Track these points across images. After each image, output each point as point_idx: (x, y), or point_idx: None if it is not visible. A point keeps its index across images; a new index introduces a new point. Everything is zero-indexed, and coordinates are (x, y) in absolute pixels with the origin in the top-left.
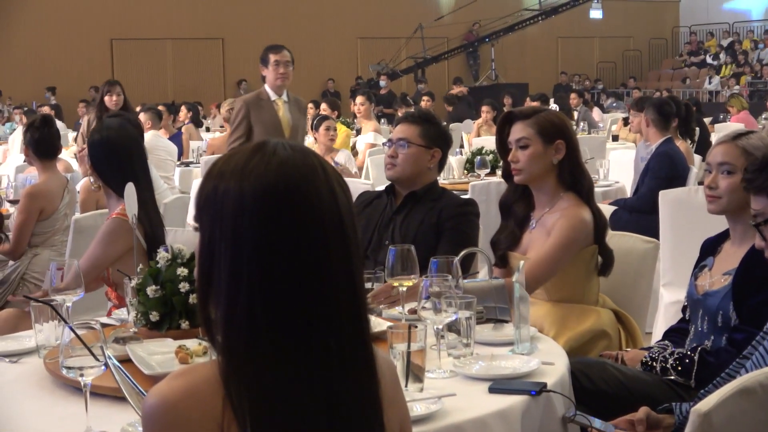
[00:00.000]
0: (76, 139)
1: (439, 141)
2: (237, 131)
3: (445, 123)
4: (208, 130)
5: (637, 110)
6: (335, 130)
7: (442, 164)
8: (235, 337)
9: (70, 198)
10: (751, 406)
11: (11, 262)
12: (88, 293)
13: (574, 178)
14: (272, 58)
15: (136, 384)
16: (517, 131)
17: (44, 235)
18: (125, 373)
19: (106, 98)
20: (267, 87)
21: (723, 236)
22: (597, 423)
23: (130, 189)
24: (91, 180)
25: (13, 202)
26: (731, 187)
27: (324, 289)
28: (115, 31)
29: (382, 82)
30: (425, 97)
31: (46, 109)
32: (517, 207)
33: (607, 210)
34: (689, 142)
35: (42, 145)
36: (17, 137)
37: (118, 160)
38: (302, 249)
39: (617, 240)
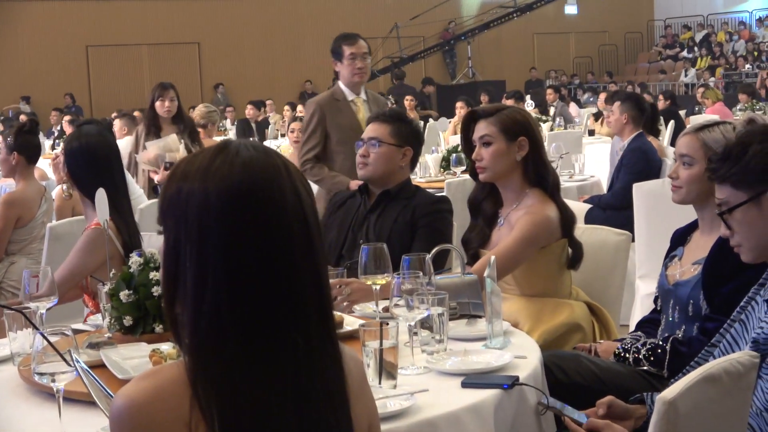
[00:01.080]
0: (53, 147)
1: (410, 139)
2: (311, 140)
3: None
4: None
5: (612, 104)
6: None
7: (414, 162)
8: (202, 337)
9: (47, 206)
10: (717, 393)
11: None
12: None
13: (539, 175)
14: (347, 50)
15: (104, 387)
16: (481, 129)
17: (21, 243)
18: (94, 377)
19: (158, 104)
20: (342, 85)
21: (692, 226)
22: (569, 410)
23: (100, 194)
24: (64, 188)
25: None
26: (690, 178)
27: (290, 288)
28: (91, 38)
29: None
30: (408, 97)
31: (23, 118)
32: (486, 205)
33: (582, 208)
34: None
35: (30, 149)
36: None
37: (98, 168)
38: (267, 248)
39: (590, 233)
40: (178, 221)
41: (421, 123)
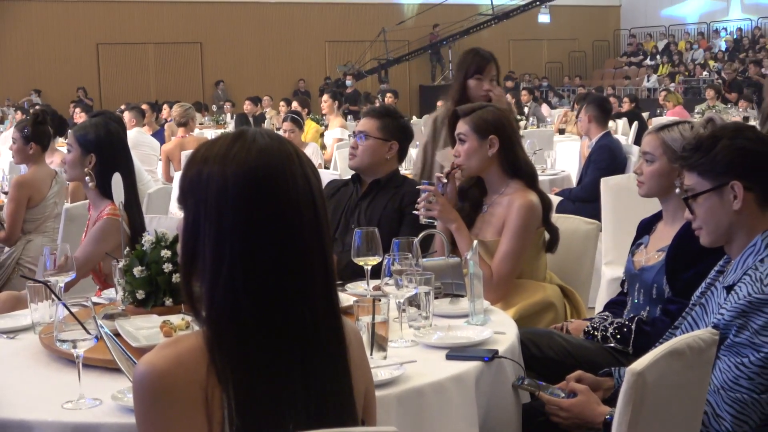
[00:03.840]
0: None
1: (397, 134)
2: None
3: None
4: None
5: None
6: (293, 132)
7: (402, 155)
8: (218, 309)
9: (59, 187)
10: (680, 365)
11: (6, 249)
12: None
13: (514, 168)
14: None
15: (125, 351)
16: (458, 127)
17: (35, 222)
18: (116, 341)
19: (472, 83)
20: None
21: (657, 217)
22: (543, 387)
23: (117, 178)
24: (87, 179)
25: (7, 194)
26: (652, 173)
27: (299, 264)
28: (101, 36)
29: (349, 82)
30: (389, 94)
31: (37, 108)
32: (472, 191)
33: (553, 201)
34: None
35: (45, 138)
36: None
37: (113, 157)
38: (279, 228)
39: (562, 222)
40: (198, 202)
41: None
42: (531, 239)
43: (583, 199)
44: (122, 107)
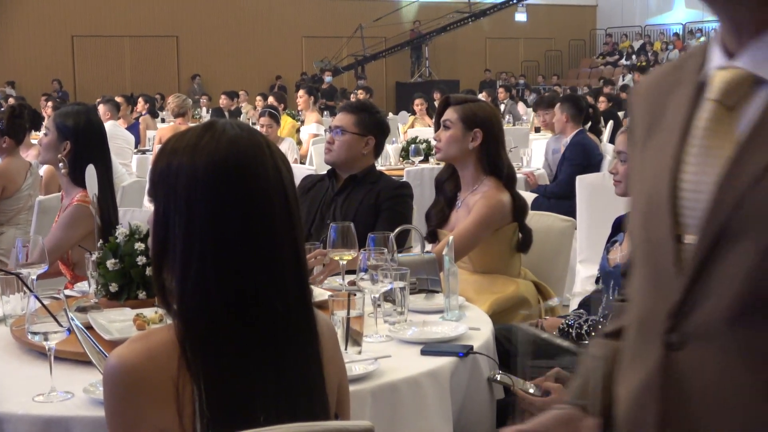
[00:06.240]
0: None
1: (373, 129)
2: None
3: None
4: (163, 120)
5: (544, 108)
6: (270, 127)
7: (378, 150)
8: (189, 301)
9: (33, 180)
10: None
11: None
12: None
13: (493, 165)
14: None
15: (96, 344)
16: (446, 114)
17: (9, 213)
18: (87, 335)
19: None
20: None
21: None
22: (518, 382)
23: (90, 170)
24: (60, 165)
25: None
26: (626, 172)
27: (270, 256)
28: (76, 29)
29: (328, 78)
30: (360, 91)
31: (11, 101)
32: (447, 185)
33: (528, 197)
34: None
35: (20, 132)
36: None
37: (93, 146)
38: (250, 219)
39: (538, 219)
40: (168, 193)
41: None
42: (489, 232)
43: (558, 196)
44: (97, 100)
